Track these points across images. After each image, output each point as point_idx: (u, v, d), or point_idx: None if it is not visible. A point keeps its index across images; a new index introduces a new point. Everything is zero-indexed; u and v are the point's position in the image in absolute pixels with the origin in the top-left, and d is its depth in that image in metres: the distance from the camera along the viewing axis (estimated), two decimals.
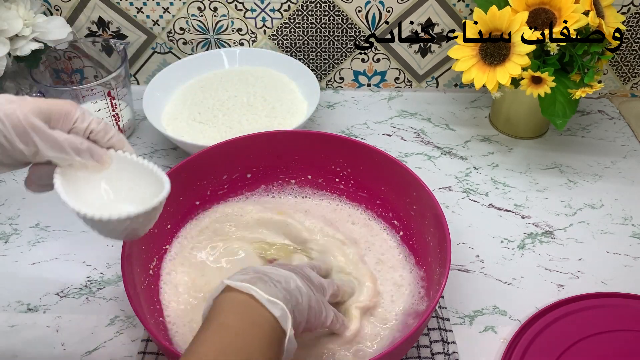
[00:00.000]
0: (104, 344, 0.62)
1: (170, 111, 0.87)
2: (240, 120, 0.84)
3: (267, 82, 0.90)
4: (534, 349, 0.60)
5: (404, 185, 0.68)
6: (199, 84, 0.91)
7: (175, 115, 0.85)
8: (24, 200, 0.78)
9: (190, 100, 0.87)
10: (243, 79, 0.91)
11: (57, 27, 0.85)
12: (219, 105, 0.86)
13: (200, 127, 0.83)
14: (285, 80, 0.91)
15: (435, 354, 0.60)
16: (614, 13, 0.78)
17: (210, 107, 0.86)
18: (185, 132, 0.82)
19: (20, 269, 0.70)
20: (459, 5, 0.89)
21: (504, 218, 0.77)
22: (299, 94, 0.89)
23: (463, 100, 0.97)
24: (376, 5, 0.88)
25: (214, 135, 0.82)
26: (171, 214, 0.68)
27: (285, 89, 0.89)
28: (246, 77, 0.91)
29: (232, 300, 0.47)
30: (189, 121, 0.84)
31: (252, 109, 0.86)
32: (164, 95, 0.88)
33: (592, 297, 0.65)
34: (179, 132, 0.83)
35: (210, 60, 0.93)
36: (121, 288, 0.68)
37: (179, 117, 0.85)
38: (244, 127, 0.82)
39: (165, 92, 0.89)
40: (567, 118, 0.76)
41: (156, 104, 0.86)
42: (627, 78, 0.97)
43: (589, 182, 0.82)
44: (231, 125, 0.83)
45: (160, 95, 0.88)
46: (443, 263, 0.58)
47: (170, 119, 0.85)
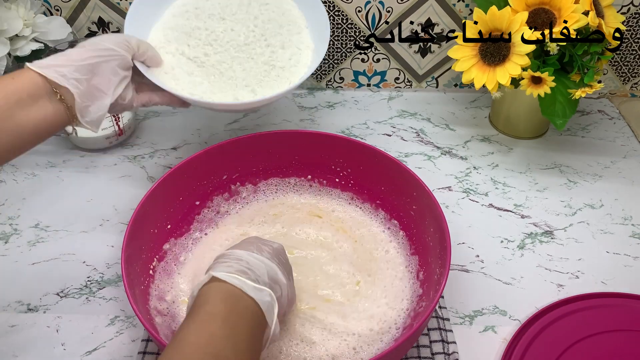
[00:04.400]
0: (104, 344, 0.62)
1: (155, 37, 0.73)
2: (232, 65, 0.72)
3: (272, 13, 0.76)
4: (534, 349, 0.60)
5: (404, 185, 0.68)
6: (194, 4, 0.75)
7: (162, 44, 0.72)
8: (24, 200, 0.78)
9: (180, 27, 0.73)
10: (245, 3, 0.76)
11: (57, 27, 0.85)
12: (211, 40, 0.73)
13: (187, 64, 0.72)
14: (295, 14, 0.77)
15: (435, 354, 0.60)
16: (614, 13, 0.78)
17: (202, 39, 0.73)
18: (169, 70, 0.71)
19: (20, 269, 0.70)
20: (459, 5, 0.89)
21: (504, 218, 0.77)
22: (306, 35, 0.76)
23: (463, 100, 0.97)
24: (376, 5, 0.88)
25: (201, 80, 0.71)
26: (171, 214, 0.68)
27: (292, 26, 0.76)
28: (249, 2, 0.76)
29: (218, 289, 0.48)
30: (176, 54, 0.72)
31: (249, 50, 0.73)
32: (152, 13, 0.74)
33: (592, 297, 0.65)
34: (162, 69, 0.71)
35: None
36: (121, 288, 0.68)
37: (165, 47, 0.72)
38: (236, 75, 0.72)
39: (154, 9, 0.74)
40: (567, 118, 0.76)
41: (140, 23, 0.73)
42: (627, 78, 0.97)
43: (589, 182, 0.82)
44: (222, 69, 0.72)
45: (148, 12, 0.74)
46: (443, 263, 0.58)
47: (154, 47, 0.71)
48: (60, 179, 0.82)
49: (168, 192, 0.67)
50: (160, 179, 0.65)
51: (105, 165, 0.84)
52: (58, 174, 0.83)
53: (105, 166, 0.84)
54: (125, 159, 0.85)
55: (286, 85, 0.72)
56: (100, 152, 0.86)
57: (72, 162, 0.85)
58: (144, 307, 0.58)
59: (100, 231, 0.74)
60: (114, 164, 0.84)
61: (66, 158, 0.85)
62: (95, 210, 0.77)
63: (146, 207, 0.64)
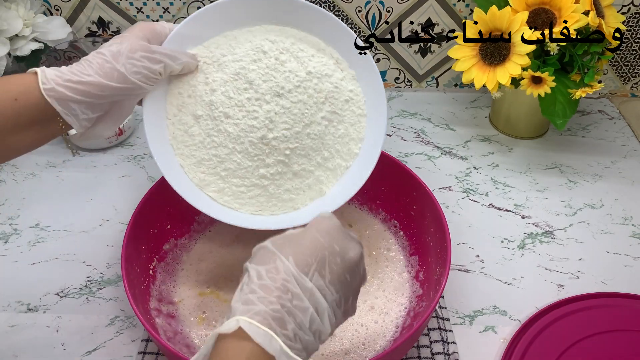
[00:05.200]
0: (104, 344, 0.62)
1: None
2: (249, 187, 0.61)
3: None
4: (534, 349, 0.60)
5: (404, 185, 0.68)
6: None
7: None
8: (24, 200, 0.78)
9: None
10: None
11: (57, 27, 0.85)
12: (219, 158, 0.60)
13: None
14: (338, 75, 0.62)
15: (436, 354, 0.60)
16: (614, 13, 0.78)
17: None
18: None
19: (20, 269, 0.70)
20: (459, 5, 0.89)
21: (504, 218, 0.77)
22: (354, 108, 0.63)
23: (463, 100, 0.97)
24: (376, 5, 0.88)
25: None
26: (171, 214, 0.68)
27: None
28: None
29: (239, 351, 0.38)
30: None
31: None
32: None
33: (592, 297, 0.65)
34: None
35: None
36: (121, 288, 0.68)
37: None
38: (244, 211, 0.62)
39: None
40: (567, 118, 0.76)
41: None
42: (627, 78, 0.97)
43: (589, 182, 0.82)
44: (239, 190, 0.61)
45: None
46: (443, 263, 0.58)
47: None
48: (60, 179, 0.82)
49: (168, 192, 0.67)
50: (160, 179, 0.65)
51: (105, 165, 0.84)
52: (58, 174, 0.82)
53: (105, 166, 0.84)
54: (125, 159, 0.85)
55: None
56: (100, 152, 0.86)
57: (72, 162, 0.85)
58: (144, 307, 0.58)
59: (100, 231, 0.74)
60: (114, 164, 0.84)
61: (66, 158, 0.85)
62: (95, 210, 0.77)
63: (146, 207, 0.64)
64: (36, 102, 0.49)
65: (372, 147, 0.62)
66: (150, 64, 0.53)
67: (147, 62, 0.52)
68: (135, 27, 0.55)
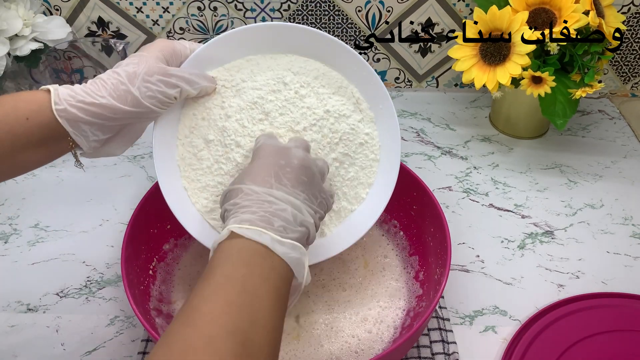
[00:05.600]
0: (104, 344, 0.62)
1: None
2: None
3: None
4: (534, 349, 0.60)
5: (404, 185, 0.67)
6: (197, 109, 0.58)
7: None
8: (24, 200, 0.78)
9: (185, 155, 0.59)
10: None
11: (57, 27, 0.85)
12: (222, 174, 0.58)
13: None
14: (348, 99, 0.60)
15: (436, 354, 0.60)
16: (614, 13, 0.78)
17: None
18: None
19: (20, 269, 0.70)
20: (459, 5, 0.89)
21: (504, 218, 0.77)
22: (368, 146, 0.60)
23: (463, 100, 0.97)
24: (376, 5, 0.88)
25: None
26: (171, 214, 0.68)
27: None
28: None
29: (240, 247, 0.43)
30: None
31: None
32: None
33: (592, 297, 0.65)
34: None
35: None
36: (121, 288, 0.68)
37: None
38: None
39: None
40: (567, 118, 0.76)
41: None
42: (627, 78, 0.97)
43: (589, 182, 0.82)
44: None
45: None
46: (443, 263, 0.58)
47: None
48: (60, 179, 0.82)
49: None
50: None
51: (105, 165, 0.84)
52: (58, 174, 0.82)
53: (105, 166, 0.83)
54: (125, 159, 0.85)
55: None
56: None
57: (72, 162, 0.83)
58: (143, 307, 0.58)
59: (100, 231, 0.74)
60: (114, 164, 0.84)
61: (66, 158, 0.84)
62: (95, 210, 0.77)
63: (146, 207, 0.64)
64: (47, 122, 0.49)
65: (381, 195, 0.60)
66: (166, 89, 0.51)
67: (162, 87, 0.51)
68: (155, 45, 0.53)
